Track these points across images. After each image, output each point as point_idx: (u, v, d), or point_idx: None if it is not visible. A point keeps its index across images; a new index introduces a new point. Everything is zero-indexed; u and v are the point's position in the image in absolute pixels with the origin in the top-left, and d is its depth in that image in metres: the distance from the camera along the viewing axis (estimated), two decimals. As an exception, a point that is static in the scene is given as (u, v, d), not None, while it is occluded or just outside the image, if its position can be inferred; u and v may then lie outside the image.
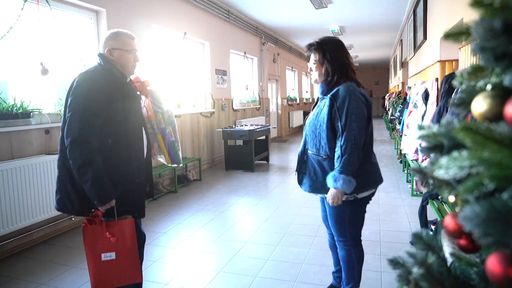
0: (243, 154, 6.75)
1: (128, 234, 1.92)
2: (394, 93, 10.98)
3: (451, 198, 0.60)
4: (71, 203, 1.94)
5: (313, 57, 2.03)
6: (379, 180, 2.06)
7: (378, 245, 3.19)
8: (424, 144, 0.66)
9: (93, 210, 1.89)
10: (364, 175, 1.95)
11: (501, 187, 0.46)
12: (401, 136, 6.19)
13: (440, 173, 0.54)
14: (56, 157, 3.49)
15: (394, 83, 14.06)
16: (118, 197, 1.92)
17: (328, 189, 1.93)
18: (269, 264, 2.92)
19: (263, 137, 7.44)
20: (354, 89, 1.91)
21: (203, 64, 7.18)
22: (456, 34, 0.54)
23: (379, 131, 13.02)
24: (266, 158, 7.53)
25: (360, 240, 2.14)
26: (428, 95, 4.33)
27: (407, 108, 5.88)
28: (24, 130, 3.40)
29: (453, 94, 3.26)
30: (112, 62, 1.99)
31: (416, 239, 0.88)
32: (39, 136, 3.57)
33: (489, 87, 0.62)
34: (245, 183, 5.80)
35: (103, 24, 4.42)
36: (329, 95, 1.93)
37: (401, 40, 10.43)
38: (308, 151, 2.05)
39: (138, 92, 2.16)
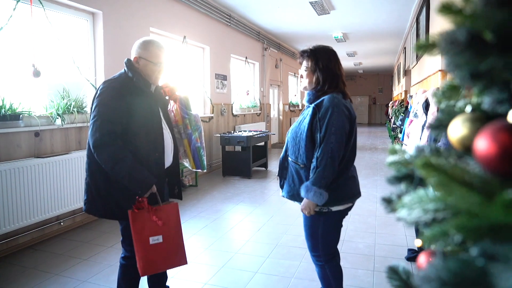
0: (241, 161, 6.66)
1: (173, 218, 2.02)
2: (397, 101, 10.87)
3: (417, 242, 0.50)
4: (95, 205, 2.02)
5: (305, 64, 1.99)
6: (356, 194, 2.00)
7: (372, 260, 3.08)
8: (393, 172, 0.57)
9: (138, 198, 1.95)
10: (340, 189, 1.90)
11: (470, 240, 0.37)
12: (402, 145, 6.08)
13: (402, 214, 0.45)
14: (46, 160, 3.45)
15: (398, 91, 13.95)
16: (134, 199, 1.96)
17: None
18: (258, 277, 2.82)
19: (262, 144, 7.35)
20: (338, 101, 1.86)
21: (202, 69, 7.11)
22: (425, 47, 0.45)
23: (382, 139, 12.90)
24: (265, 165, 7.43)
25: (335, 255, 2.05)
26: (429, 104, 4.22)
27: (408, 117, 5.78)
28: (12, 132, 3.33)
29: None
30: (137, 70, 2.02)
31: (392, 273, 0.79)
32: (29, 138, 3.49)
33: (468, 108, 0.53)
34: (242, 190, 5.71)
35: (99, 27, 4.35)
36: (313, 105, 1.89)
37: (405, 48, 10.34)
38: (289, 158, 2.01)
39: (167, 97, 2.18)
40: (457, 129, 0.51)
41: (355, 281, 2.70)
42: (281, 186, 2.10)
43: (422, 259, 0.61)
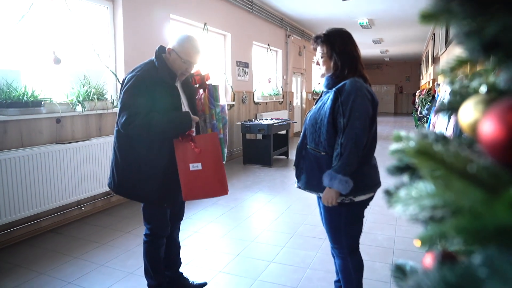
0: (261, 149, 6.61)
1: (211, 147, 2.12)
2: (425, 90, 10.51)
3: (416, 242, 0.44)
4: (113, 181, 2.14)
5: (320, 50, 1.90)
6: (378, 183, 1.91)
7: (390, 253, 2.99)
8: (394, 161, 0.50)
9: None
10: (363, 178, 1.81)
11: (471, 245, 0.30)
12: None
13: (398, 210, 0.39)
14: (67, 146, 3.52)
15: (425, 79, 13.49)
16: (159, 187, 2.09)
17: (324, 188, 1.80)
18: (272, 266, 2.79)
19: (283, 132, 7.26)
20: (361, 85, 1.77)
21: (223, 56, 7.06)
22: (430, 16, 0.37)
23: (408, 128, 12.54)
24: (286, 154, 7.36)
25: (358, 248, 1.97)
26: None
27: (435, 106, 5.56)
28: (34, 119, 3.40)
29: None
30: (165, 61, 2.09)
31: (398, 272, 0.72)
32: (50, 125, 3.56)
33: (483, 88, 0.45)
34: (261, 178, 5.67)
35: (119, 14, 4.36)
36: (334, 89, 1.80)
37: (434, 34, 9.93)
38: (307, 146, 1.92)
39: (196, 85, 2.23)
40: (469, 113, 0.43)
41: (373, 274, 2.62)
42: (297, 177, 2.01)
43: (428, 259, 0.54)
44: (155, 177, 2.08)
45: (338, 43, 1.84)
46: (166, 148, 2.08)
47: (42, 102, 3.40)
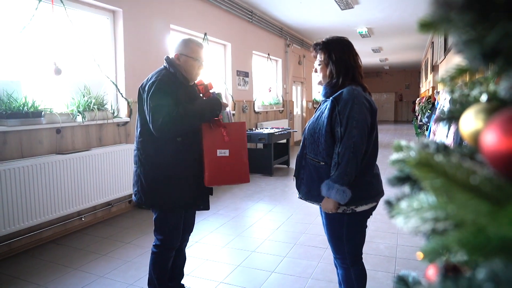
0: (262, 158, 6.60)
1: (239, 135, 2.19)
2: (424, 98, 10.52)
3: (419, 256, 0.43)
4: (145, 196, 2.12)
5: (319, 57, 1.90)
6: (380, 193, 1.89)
7: (393, 262, 2.96)
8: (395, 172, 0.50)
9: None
10: (364, 187, 1.79)
11: (475, 259, 0.29)
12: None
13: (399, 222, 0.38)
14: (67, 156, 3.51)
15: (425, 87, 13.51)
16: (185, 191, 2.11)
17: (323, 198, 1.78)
18: (274, 277, 2.76)
19: (284, 141, 7.26)
20: (358, 93, 1.76)
21: (224, 65, 7.09)
22: (429, 24, 0.37)
23: (408, 136, 12.53)
24: (287, 162, 7.35)
25: (361, 258, 1.95)
26: (457, 100, 4.04)
27: (435, 114, 5.56)
28: (35, 129, 3.40)
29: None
30: (178, 67, 2.13)
31: (400, 284, 0.71)
32: (50, 135, 3.56)
33: (484, 97, 0.45)
34: (262, 187, 5.65)
35: (119, 25, 4.39)
36: (331, 98, 1.79)
37: (433, 42, 9.98)
38: (307, 157, 1.91)
39: (201, 95, 2.25)
40: (470, 122, 0.43)
41: (375, 284, 2.60)
42: (298, 187, 2.00)
43: (431, 271, 0.53)
44: (187, 180, 2.12)
45: (335, 51, 1.84)
46: (195, 147, 2.13)
47: (43, 113, 3.40)
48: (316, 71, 1.93)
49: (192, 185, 2.14)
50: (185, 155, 2.11)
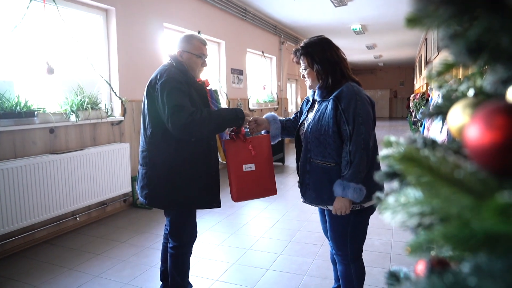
0: (257, 155, 6.60)
1: (265, 149, 2.15)
2: (419, 94, 10.57)
3: (407, 250, 0.43)
4: (158, 197, 2.08)
5: (302, 63, 1.91)
6: (383, 187, 1.89)
7: (388, 258, 2.98)
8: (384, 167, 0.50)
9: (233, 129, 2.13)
10: (371, 182, 1.75)
11: (460, 252, 0.29)
12: (422, 139, 5.87)
13: (386, 217, 0.38)
14: (61, 156, 3.49)
15: (419, 83, 13.58)
16: (207, 188, 2.12)
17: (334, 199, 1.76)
18: (269, 274, 2.76)
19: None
20: (358, 89, 1.77)
21: (218, 64, 7.07)
22: (415, 19, 0.37)
23: (403, 133, 12.59)
24: (282, 160, 7.35)
25: (361, 255, 1.96)
26: (450, 97, 4.06)
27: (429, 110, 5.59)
28: (28, 129, 3.37)
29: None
30: (184, 64, 2.10)
31: (392, 279, 0.71)
32: (44, 135, 3.53)
33: (471, 92, 0.45)
34: (257, 185, 5.64)
35: (112, 23, 4.36)
36: (331, 97, 1.78)
37: (426, 39, 10.02)
38: (314, 160, 1.86)
39: None
40: (457, 117, 0.43)
41: (370, 280, 2.60)
42: (303, 193, 1.95)
43: (420, 266, 0.54)
44: (201, 179, 2.10)
45: (317, 52, 1.84)
46: (211, 147, 2.13)
47: (36, 112, 3.38)
48: (304, 77, 1.93)
49: (207, 184, 2.14)
50: (200, 154, 2.09)
